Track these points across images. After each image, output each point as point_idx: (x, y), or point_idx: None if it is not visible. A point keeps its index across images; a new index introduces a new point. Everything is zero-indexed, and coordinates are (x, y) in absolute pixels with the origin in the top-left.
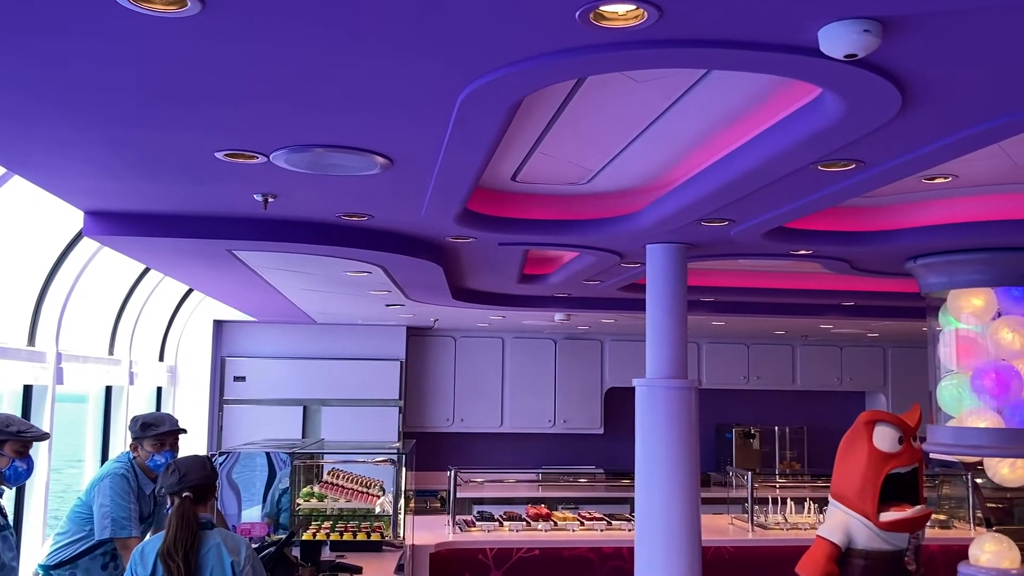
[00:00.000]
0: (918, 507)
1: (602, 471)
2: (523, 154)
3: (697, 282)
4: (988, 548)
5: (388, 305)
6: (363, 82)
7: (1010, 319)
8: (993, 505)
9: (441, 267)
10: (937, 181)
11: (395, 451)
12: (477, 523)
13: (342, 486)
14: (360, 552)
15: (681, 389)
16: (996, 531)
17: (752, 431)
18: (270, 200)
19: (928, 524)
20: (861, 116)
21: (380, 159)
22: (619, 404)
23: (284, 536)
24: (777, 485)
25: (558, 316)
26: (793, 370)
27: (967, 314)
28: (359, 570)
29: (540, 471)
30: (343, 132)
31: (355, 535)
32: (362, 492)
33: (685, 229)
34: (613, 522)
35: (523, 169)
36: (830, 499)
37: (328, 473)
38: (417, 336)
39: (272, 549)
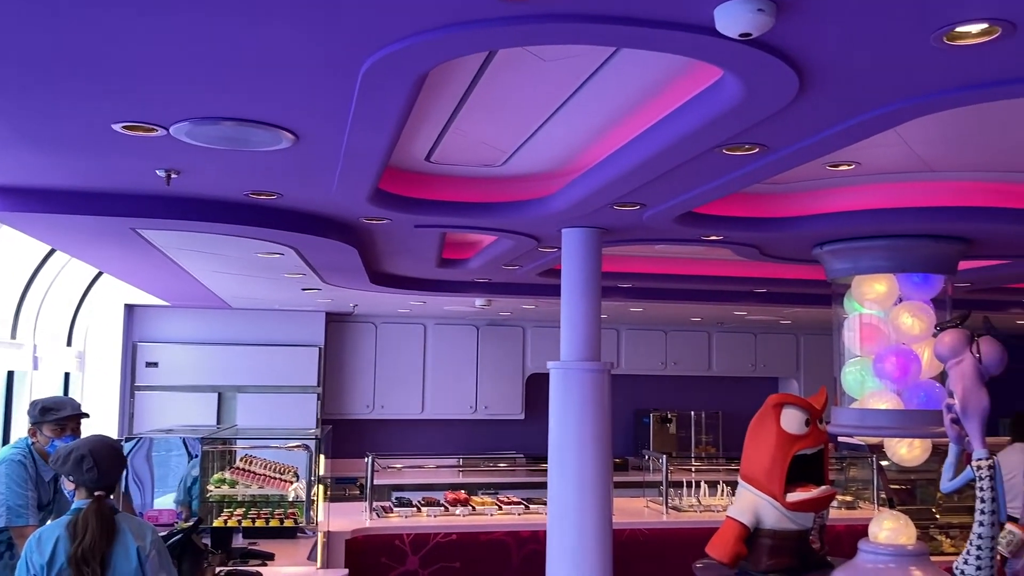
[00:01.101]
0: (823, 487)
1: (523, 456)
2: (435, 133)
3: (615, 268)
4: (886, 525)
5: (304, 289)
6: (262, 51)
7: (910, 304)
8: (896, 486)
9: (356, 249)
10: (841, 168)
11: (309, 437)
12: (395, 509)
13: (254, 472)
14: (274, 539)
15: (595, 372)
16: (897, 510)
17: (669, 416)
18: (173, 176)
19: (835, 505)
20: (760, 99)
21: (285, 134)
22: (541, 390)
23: (192, 523)
24: (692, 468)
25: (479, 302)
26: (709, 356)
27: (870, 300)
28: (270, 556)
29: (461, 457)
30: (245, 105)
31: (267, 521)
32: (275, 478)
33: (599, 213)
34: (531, 506)
35: (437, 149)
36: (739, 481)
37: (240, 459)
38: (337, 322)
39: (179, 536)
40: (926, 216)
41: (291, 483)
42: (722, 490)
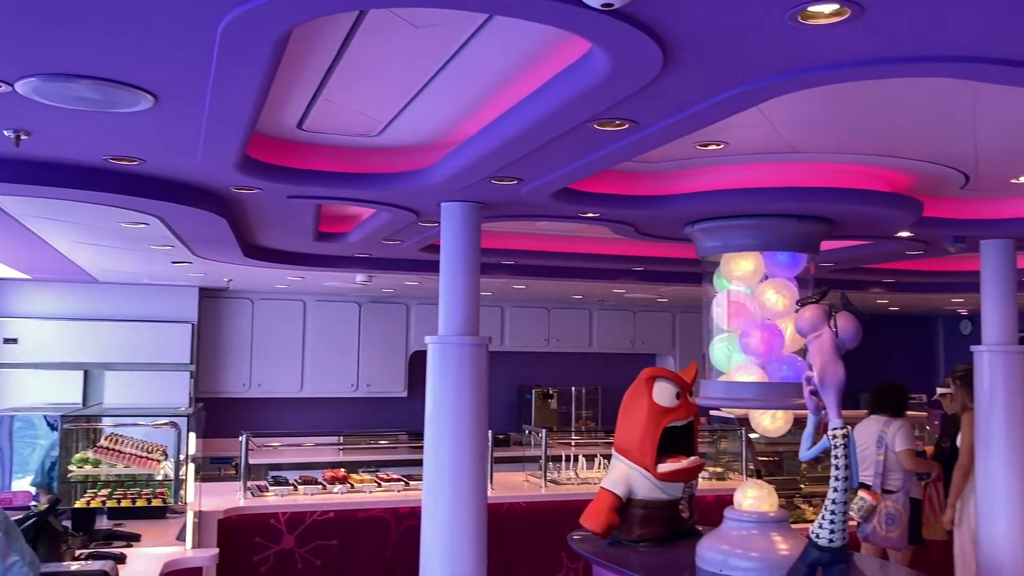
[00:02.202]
0: (692, 458)
1: (406, 434)
2: (306, 100)
3: (498, 245)
4: (750, 494)
5: (175, 262)
6: (114, 4)
7: (775, 282)
8: (764, 458)
9: (227, 221)
10: (711, 148)
11: (178, 414)
12: (271, 488)
13: (120, 451)
14: (141, 519)
15: (472, 346)
16: (763, 480)
17: (551, 392)
18: (23, 137)
19: (705, 476)
20: (626, 73)
21: (144, 95)
22: (424, 367)
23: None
24: (572, 442)
25: (359, 277)
26: (590, 333)
27: (737, 277)
28: (136, 537)
29: (341, 435)
30: (98, 62)
31: (134, 502)
32: (143, 457)
33: (476, 187)
34: (411, 483)
35: (309, 117)
36: (613, 452)
37: (105, 438)
38: (211, 298)
39: (34, 519)
40: (791, 196)
41: (159, 462)
42: (599, 463)
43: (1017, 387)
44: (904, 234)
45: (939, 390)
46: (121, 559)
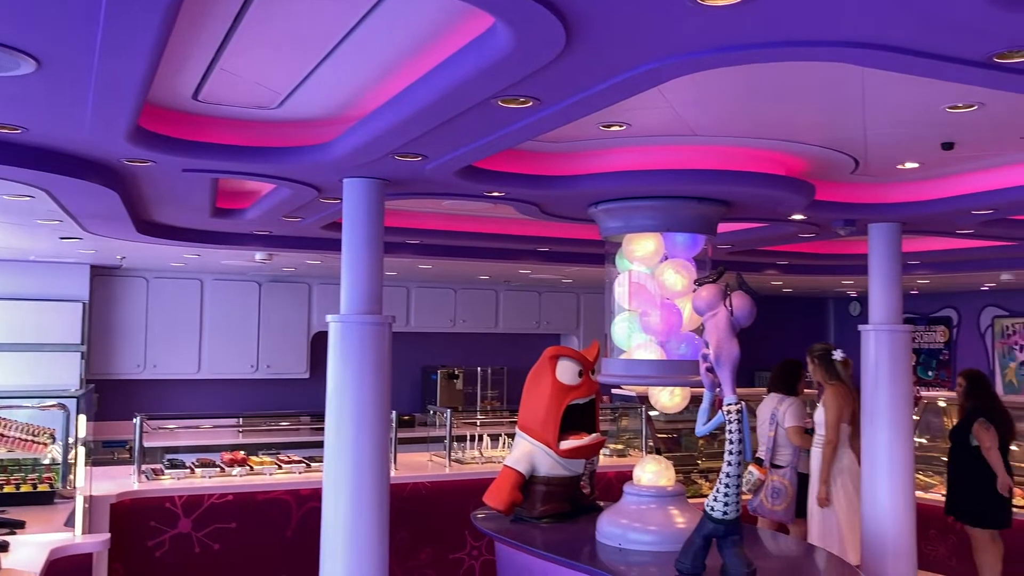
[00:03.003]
0: (594, 435)
1: (308, 415)
2: (202, 69)
3: (404, 224)
4: (649, 469)
5: (63, 238)
6: None
7: (674, 262)
8: (663, 435)
9: (119, 194)
10: (613, 129)
11: (66, 396)
12: (166, 471)
13: (3, 435)
14: (27, 506)
15: (375, 325)
16: (662, 456)
17: (456, 372)
18: None
19: (606, 452)
20: (529, 49)
21: (24, 58)
22: (327, 348)
23: None
24: (477, 422)
25: (259, 255)
26: (496, 314)
27: (639, 257)
28: (20, 524)
29: (241, 417)
30: None
31: (18, 487)
32: (28, 441)
33: (380, 163)
34: (312, 464)
35: (205, 87)
36: (517, 431)
37: None
38: (103, 276)
39: None
40: (691, 178)
41: (46, 446)
42: (504, 442)
43: (901, 364)
44: (797, 217)
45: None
46: (3, 547)
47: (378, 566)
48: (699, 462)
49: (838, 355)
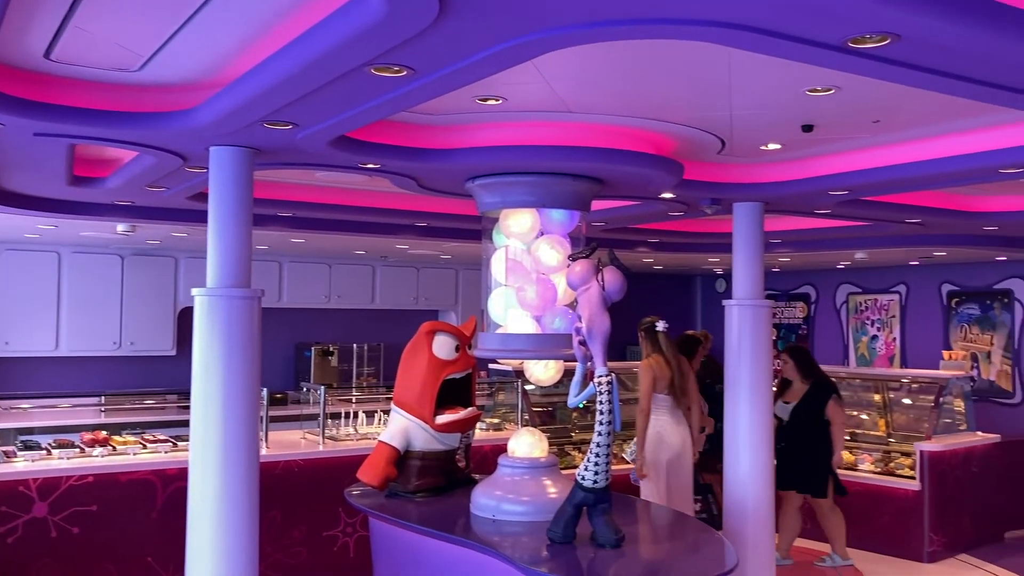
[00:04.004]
0: (469, 409)
1: (175, 393)
2: (54, 26)
3: (275, 195)
4: (523, 441)
5: None
6: None
7: (550, 238)
8: (539, 409)
9: None
10: (489, 103)
11: None
12: (19, 453)
13: None
14: None
15: (243, 299)
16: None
17: (331, 349)
18: None
19: (483, 427)
20: (402, 16)
21: None
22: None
23: None
24: (353, 399)
25: (121, 227)
26: (373, 290)
27: (515, 233)
28: None
29: (103, 395)
30: None
31: None
32: None
33: (248, 131)
34: (179, 443)
35: (57, 46)
36: (392, 406)
37: None
38: None
39: None
40: (566, 155)
41: None
42: (380, 419)
43: (761, 337)
44: (667, 195)
45: None
46: None
47: (247, 546)
48: (573, 434)
49: (660, 326)
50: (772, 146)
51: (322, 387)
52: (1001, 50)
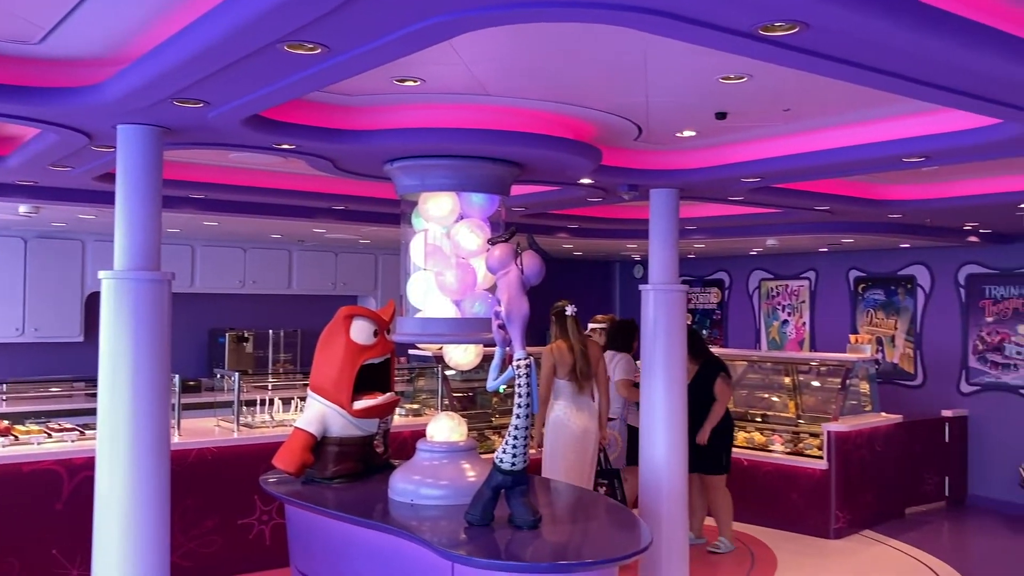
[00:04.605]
0: (388, 394)
1: (82, 381)
2: None
3: (187, 176)
4: (441, 425)
5: None
6: None
7: (469, 222)
8: (459, 394)
9: None
10: (408, 84)
11: None
12: None
13: None
14: None
15: (153, 282)
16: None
17: (246, 335)
18: None
19: (402, 412)
20: None
21: None
22: None
23: None
24: (269, 386)
25: (23, 208)
26: (290, 275)
27: (434, 216)
28: None
29: (5, 383)
30: None
31: None
32: None
33: (157, 108)
34: (87, 432)
35: None
36: (309, 392)
37: None
38: None
39: None
40: (485, 138)
41: None
42: (296, 406)
43: (676, 321)
44: (585, 181)
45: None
46: None
47: (157, 536)
48: (494, 419)
49: (570, 310)
50: (687, 133)
51: (236, 373)
52: (903, 41)
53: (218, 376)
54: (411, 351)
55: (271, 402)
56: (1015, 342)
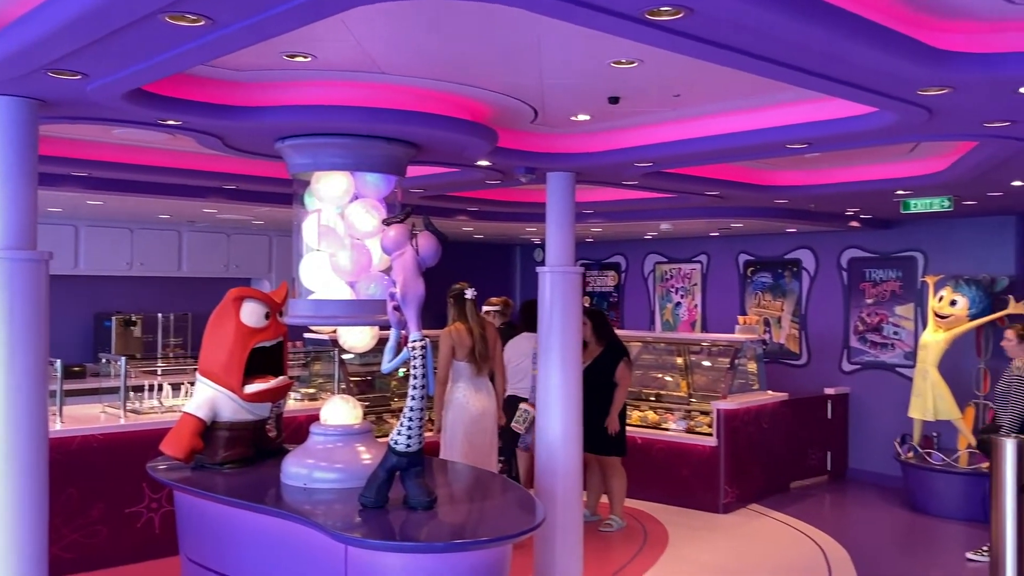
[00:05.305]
0: (280, 378)
1: None
2: None
3: (66, 153)
4: (335, 408)
5: None
6: None
7: (364, 202)
8: (357, 378)
9: None
10: (298, 60)
11: None
12: None
13: None
14: None
15: (28, 262)
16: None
17: (134, 318)
18: None
19: (297, 397)
20: None
21: None
22: None
23: None
24: (158, 371)
25: None
26: (180, 256)
27: (327, 196)
28: None
29: None
30: None
31: None
32: None
33: (31, 80)
34: None
35: None
36: (198, 376)
37: None
38: None
39: None
40: (380, 117)
41: None
42: (186, 391)
43: (572, 303)
44: (483, 163)
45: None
46: None
47: (35, 527)
48: (392, 402)
49: (469, 293)
50: (582, 117)
51: (123, 358)
52: (785, 30)
53: (104, 361)
54: (307, 334)
55: (160, 387)
56: (892, 323)
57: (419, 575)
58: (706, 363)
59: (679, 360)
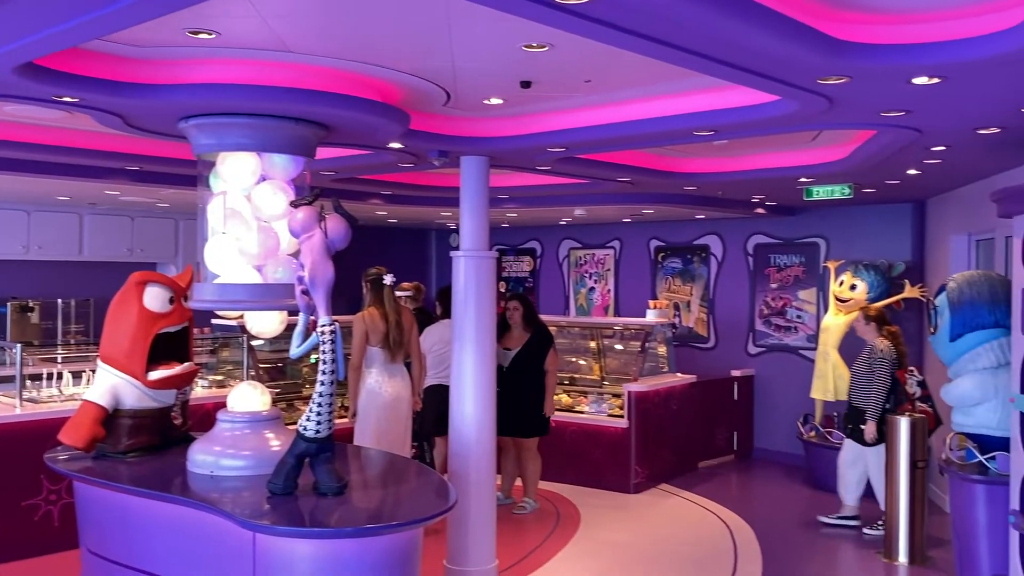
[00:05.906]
0: (186, 364)
1: None
2: None
3: None
4: (243, 394)
5: None
6: None
7: (271, 183)
8: (267, 364)
9: None
10: (202, 36)
11: None
12: None
13: None
14: None
15: None
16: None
17: (31, 304)
18: None
19: (205, 384)
20: None
21: None
22: None
23: None
24: (58, 359)
25: None
26: (80, 240)
27: (234, 177)
28: None
29: None
30: None
31: None
32: None
33: None
34: None
35: None
36: (99, 362)
37: None
38: None
39: None
40: (287, 97)
41: None
42: (88, 379)
43: (486, 288)
44: (395, 146)
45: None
46: None
47: None
48: (303, 389)
49: (388, 279)
50: (494, 101)
51: (18, 346)
52: (689, 17)
53: None
54: (214, 320)
55: (60, 375)
56: (795, 306)
57: (329, 561)
58: (618, 347)
59: (592, 344)
